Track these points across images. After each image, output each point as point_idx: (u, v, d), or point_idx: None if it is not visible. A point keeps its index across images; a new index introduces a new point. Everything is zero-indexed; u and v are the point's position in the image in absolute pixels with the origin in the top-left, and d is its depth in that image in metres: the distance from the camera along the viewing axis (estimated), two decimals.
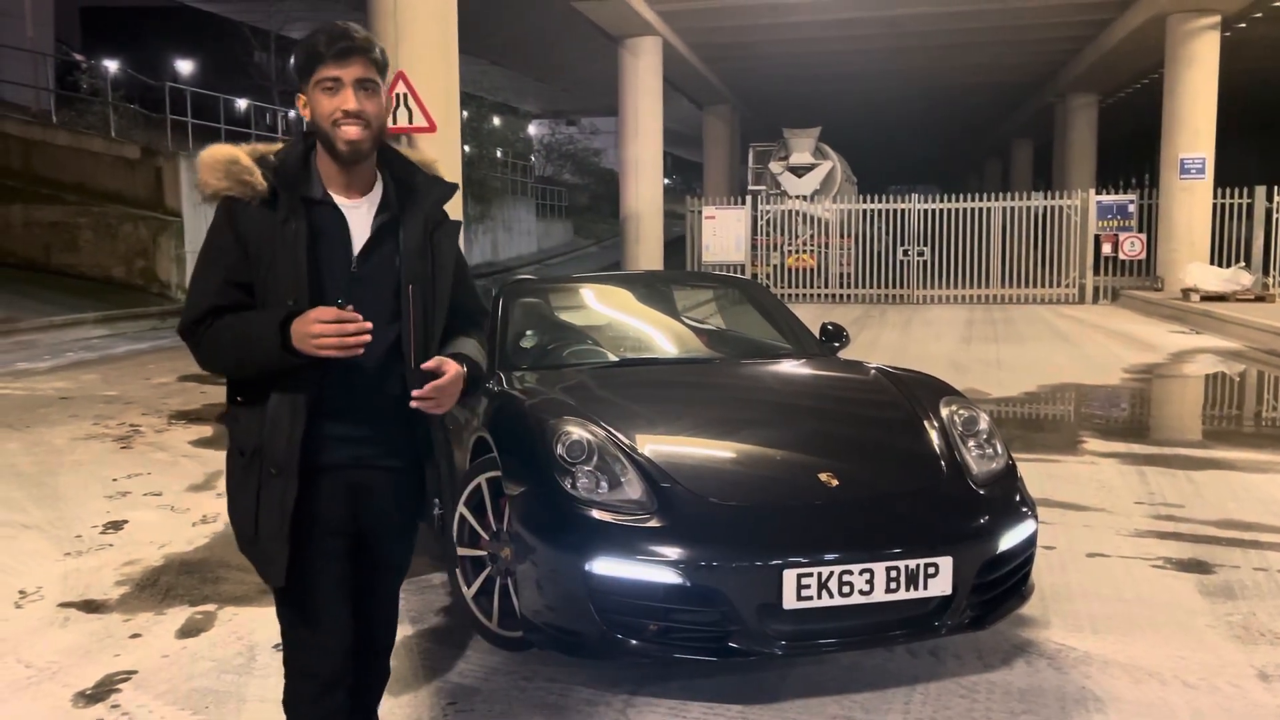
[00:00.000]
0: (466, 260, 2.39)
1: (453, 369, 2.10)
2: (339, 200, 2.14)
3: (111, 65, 23.94)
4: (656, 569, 2.97)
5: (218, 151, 2.10)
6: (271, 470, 2.07)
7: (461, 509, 3.58)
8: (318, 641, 2.17)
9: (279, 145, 2.20)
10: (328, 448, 2.11)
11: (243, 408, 2.12)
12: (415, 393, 2.05)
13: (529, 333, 4.73)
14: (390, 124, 10.21)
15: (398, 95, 9.61)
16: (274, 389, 2.07)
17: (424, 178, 2.25)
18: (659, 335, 5.02)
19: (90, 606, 3.98)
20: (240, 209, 2.07)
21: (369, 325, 1.98)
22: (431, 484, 2.26)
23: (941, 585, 3.04)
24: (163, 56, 35.39)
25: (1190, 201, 18.66)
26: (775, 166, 22.55)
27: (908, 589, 3.02)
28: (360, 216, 2.15)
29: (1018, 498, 3.46)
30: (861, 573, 2.98)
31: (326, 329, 1.95)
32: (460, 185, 2.25)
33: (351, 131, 2.07)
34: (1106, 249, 19.74)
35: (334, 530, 2.15)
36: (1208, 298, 16.58)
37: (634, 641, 3.00)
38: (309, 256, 2.06)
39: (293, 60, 2.14)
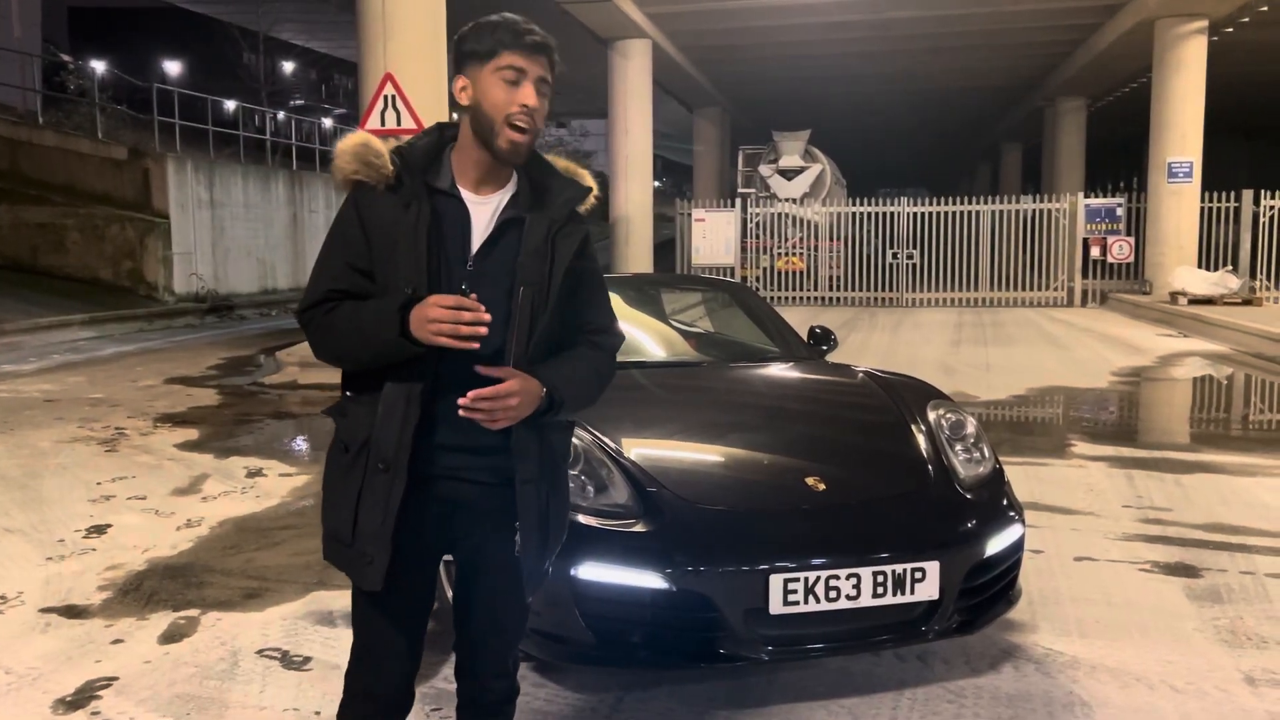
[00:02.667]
0: (598, 269, 2.22)
1: (510, 384, 1.94)
2: (465, 194, 2.06)
3: (99, 66, 23.84)
4: (643, 574, 2.95)
5: (352, 138, 2.06)
6: (380, 465, 1.98)
7: None
8: (384, 662, 2.08)
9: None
10: (439, 454, 2.01)
11: (353, 402, 2.05)
12: (461, 400, 1.92)
13: None
14: (377, 125, 10.20)
15: (386, 97, 9.59)
16: (389, 379, 1.98)
17: (559, 180, 2.15)
18: (647, 338, 5.00)
19: (72, 612, 3.94)
20: (365, 193, 2.02)
21: (487, 317, 1.89)
22: (520, 507, 2.04)
23: (929, 590, 3.03)
24: (150, 57, 35.29)
25: (1178, 205, 18.73)
26: (765, 169, 22.57)
27: (895, 594, 3.00)
28: (485, 212, 2.06)
29: (1005, 502, 3.45)
30: (848, 577, 2.96)
31: (444, 314, 1.87)
32: (594, 188, 2.16)
33: (523, 127, 1.99)
34: (1095, 252, 19.82)
35: (426, 544, 2.06)
36: (1195, 301, 16.65)
37: (620, 647, 2.99)
38: (429, 246, 1.99)
39: (465, 42, 2.02)
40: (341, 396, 2.10)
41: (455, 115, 2.12)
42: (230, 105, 25.56)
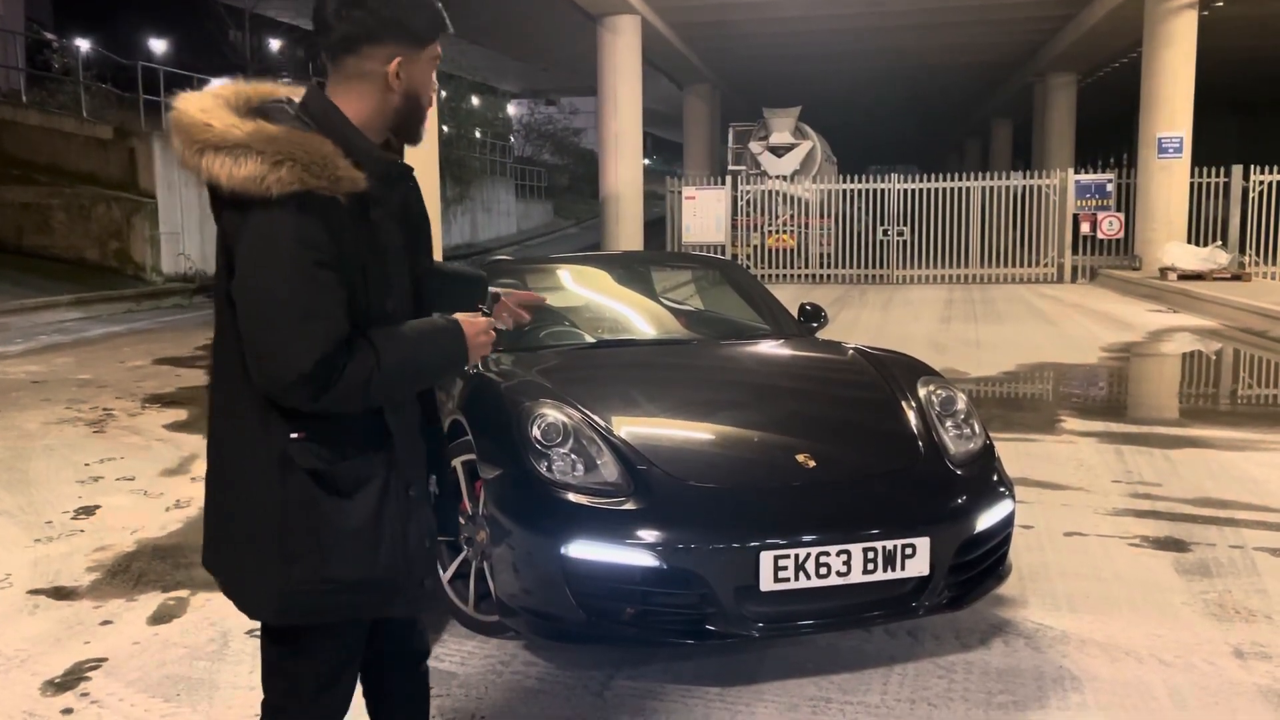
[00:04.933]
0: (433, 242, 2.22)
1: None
2: None
3: (83, 44, 23.60)
4: (633, 552, 2.94)
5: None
6: (411, 492, 1.83)
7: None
8: (329, 707, 1.92)
9: None
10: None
11: (328, 443, 1.76)
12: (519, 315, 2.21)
13: None
14: None
15: None
16: (385, 408, 1.81)
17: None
18: (636, 316, 4.99)
19: (60, 593, 3.92)
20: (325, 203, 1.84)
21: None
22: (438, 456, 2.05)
23: (919, 566, 3.03)
24: (136, 35, 34.97)
25: (1168, 181, 18.73)
26: (755, 146, 22.48)
27: (885, 570, 3.00)
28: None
29: (995, 477, 3.45)
30: (839, 554, 2.96)
31: (489, 339, 1.90)
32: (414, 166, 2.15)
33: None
34: (1085, 228, 19.81)
35: None
36: (1185, 276, 16.68)
37: (611, 625, 2.98)
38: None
39: (404, 13, 1.80)
40: (284, 442, 1.75)
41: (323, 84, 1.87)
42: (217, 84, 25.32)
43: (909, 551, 3.02)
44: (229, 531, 1.86)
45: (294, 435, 1.75)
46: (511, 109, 43.20)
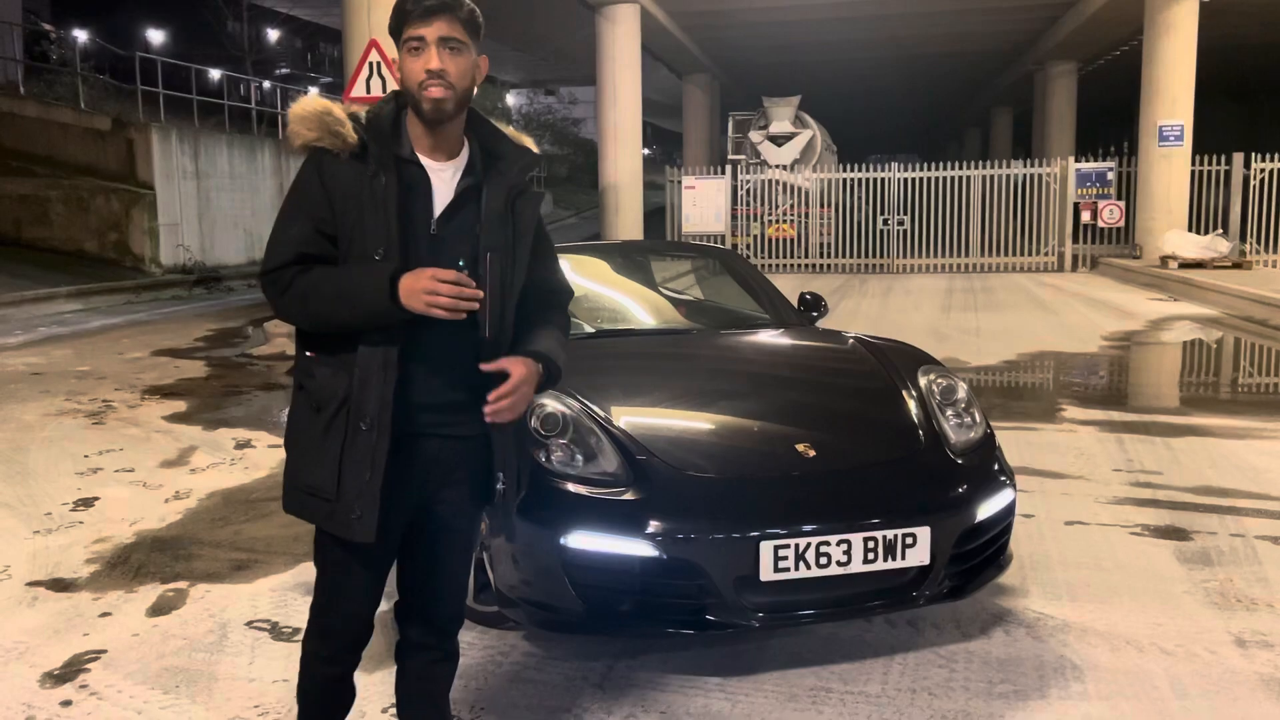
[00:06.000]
0: (547, 230, 2.36)
1: (518, 373, 2.09)
2: (425, 161, 2.13)
3: (81, 35, 23.54)
4: (632, 542, 2.93)
5: (311, 103, 2.10)
6: (362, 425, 2.05)
7: None
8: (349, 604, 2.22)
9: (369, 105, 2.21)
10: (405, 413, 2.09)
11: (319, 363, 2.12)
12: (487, 409, 2.07)
13: None
14: (363, 93, 10.08)
15: (370, 64, 9.47)
16: (361, 342, 2.05)
17: (511, 146, 2.24)
18: (636, 306, 4.97)
19: (59, 585, 3.92)
20: (329, 161, 2.08)
21: (481, 294, 2.02)
22: (498, 459, 2.20)
23: (919, 555, 3.02)
24: (133, 26, 34.87)
25: (1168, 169, 18.68)
26: (755, 136, 22.42)
27: (885, 559, 2.99)
28: (445, 179, 2.14)
29: (996, 467, 3.44)
30: (839, 544, 2.95)
31: (444, 288, 1.97)
32: (542, 157, 2.38)
33: (435, 91, 2.05)
34: (1085, 217, 19.77)
35: (399, 500, 2.14)
36: (1186, 265, 16.66)
37: (610, 615, 2.98)
38: (397, 213, 2.07)
39: (389, 21, 2.14)
40: (301, 357, 2.15)
41: None
42: (215, 74, 25.28)
43: (909, 541, 3.01)
44: None
45: (308, 354, 2.15)
46: (510, 99, 43.10)
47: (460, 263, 2.06)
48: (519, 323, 2.19)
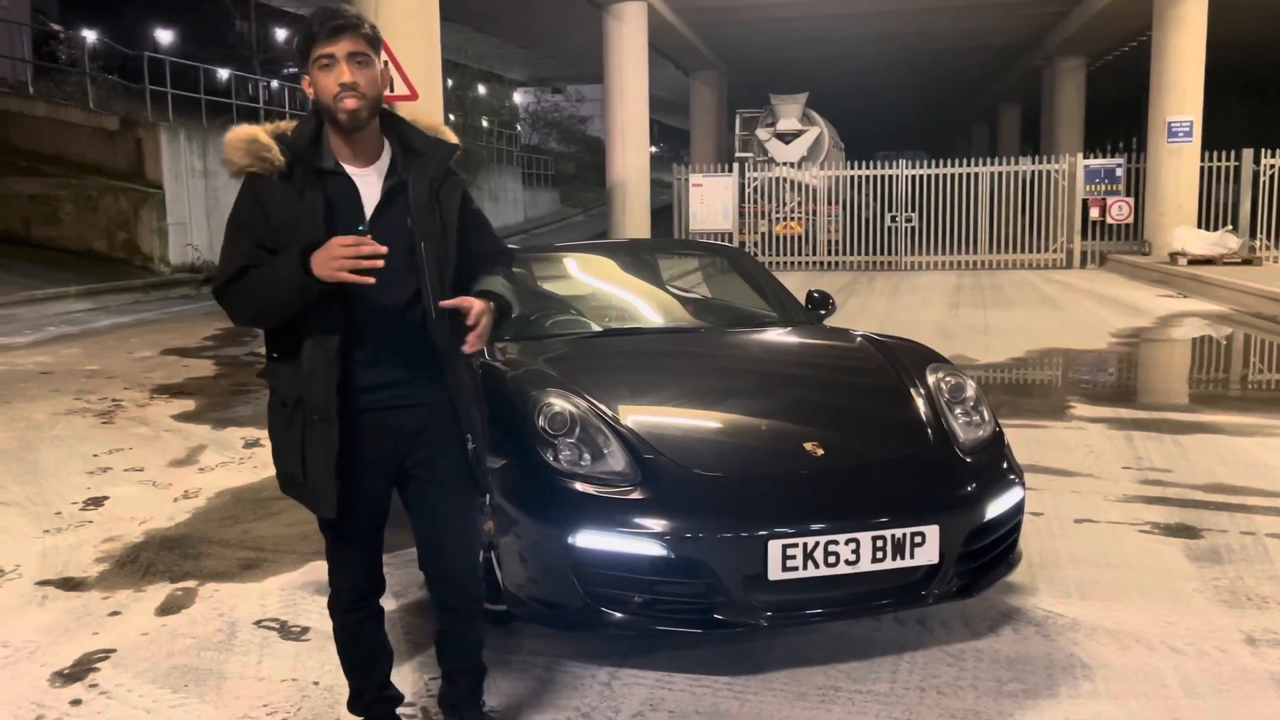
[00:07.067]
0: (479, 208, 2.58)
1: (477, 305, 2.32)
2: (349, 170, 2.35)
3: (89, 35, 23.60)
4: (640, 541, 2.93)
5: (240, 132, 2.32)
6: (314, 416, 2.31)
7: None
8: (354, 562, 2.52)
9: (295, 123, 2.41)
10: (363, 395, 2.35)
11: (280, 362, 2.37)
12: (470, 341, 2.30)
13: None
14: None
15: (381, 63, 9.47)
16: (307, 338, 2.30)
17: (426, 140, 2.43)
18: (643, 305, 4.96)
19: (69, 584, 3.93)
20: (262, 184, 2.30)
21: (383, 249, 2.19)
22: (464, 422, 2.44)
23: (928, 554, 3.01)
24: (141, 26, 34.94)
25: (1178, 165, 18.61)
26: (762, 133, 22.39)
27: (894, 558, 2.98)
28: (370, 183, 2.35)
29: (1005, 465, 3.42)
30: (847, 542, 2.94)
31: (345, 250, 2.17)
32: (460, 144, 2.56)
33: (349, 102, 2.26)
34: (1094, 213, 19.71)
35: (375, 468, 2.41)
36: (1195, 261, 16.59)
37: (618, 614, 2.97)
38: (326, 222, 2.27)
39: (295, 45, 2.35)
40: (269, 359, 2.41)
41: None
42: (223, 74, 25.31)
43: (918, 540, 3.00)
44: None
45: (273, 355, 2.40)
46: (518, 97, 43.11)
47: (360, 226, 2.28)
48: (468, 284, 2.43)
